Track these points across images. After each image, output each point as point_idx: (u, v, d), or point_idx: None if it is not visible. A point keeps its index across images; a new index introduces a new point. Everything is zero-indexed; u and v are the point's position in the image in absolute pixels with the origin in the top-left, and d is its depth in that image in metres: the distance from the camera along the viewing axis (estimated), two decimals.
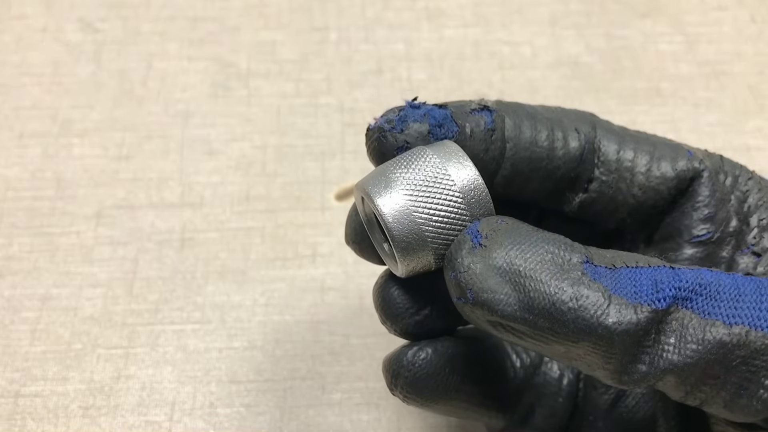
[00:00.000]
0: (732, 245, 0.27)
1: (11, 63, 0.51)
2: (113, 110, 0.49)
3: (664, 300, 0.21)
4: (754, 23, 0.55)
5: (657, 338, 0.21)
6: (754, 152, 0.48)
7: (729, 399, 0.21)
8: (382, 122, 0.25)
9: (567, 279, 0.21)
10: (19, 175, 0.46)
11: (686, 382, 0.21)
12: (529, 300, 0.21)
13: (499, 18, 0.55)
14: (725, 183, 0.27)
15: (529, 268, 0.21)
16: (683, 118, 0.50)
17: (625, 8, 0.55)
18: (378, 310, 0.28)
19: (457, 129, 0.25)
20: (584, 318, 0.21)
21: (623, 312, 0.21)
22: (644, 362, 0.21)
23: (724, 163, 0.27)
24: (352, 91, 0.51)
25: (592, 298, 0.21)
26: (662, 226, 0.28)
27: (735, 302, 0.21)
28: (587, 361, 0.22)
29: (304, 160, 0.48)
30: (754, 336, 0.21)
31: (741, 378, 0.21)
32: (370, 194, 0.24)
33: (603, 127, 0.27)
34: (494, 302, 0.21)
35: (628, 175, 0.27)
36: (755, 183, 0.27)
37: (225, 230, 0.44)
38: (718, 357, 0.21)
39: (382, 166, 0.25)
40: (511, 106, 0.27)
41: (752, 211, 0.27)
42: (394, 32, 0.54)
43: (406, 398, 0.27)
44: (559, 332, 0.21)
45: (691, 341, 0.21)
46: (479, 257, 0.22)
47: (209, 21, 0.54)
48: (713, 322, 0.21)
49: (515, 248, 0.22)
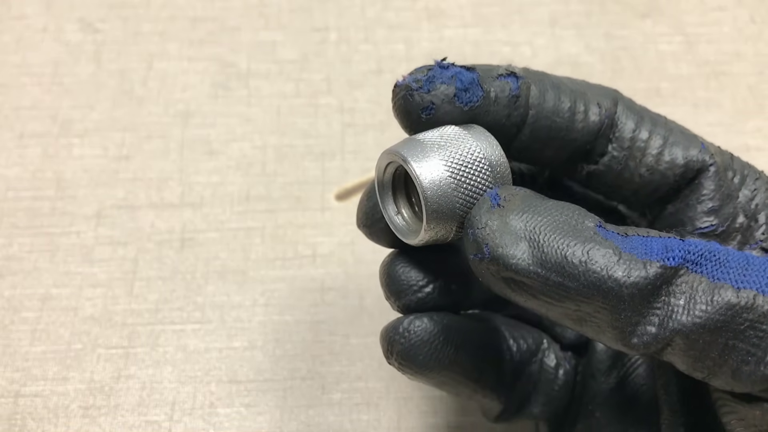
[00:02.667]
0: (738, 240, 0.27)
1: (11, 63, 0.51)
2: (113, 110, 0.49)
3: (674, 259, 0.22)
4: (754, 23, 0.55)
5: (667, 300, 0.22)
6: (754, 152, 0.48)
7: (736, 367, 0.22)
8: (410, 80, 0.26)
9: (580, 237, 0.22)
10: (20, 175, 0.46)
11: (694, 346, 0.22)
12: (542, 255, 0.22)
13: (499, 18, 0.55)
14: (733, 180, 0.27)
15: (543, 226, 0.22)
16: (683, 118, 0.50)
17: (625, 8, 0.55)
18: (383, 286, 0.28)
19: (482, 93, 0.26)
20: (594, 271, 0.21)
21: (633, 266, 0.21)
22: (653, 323, 0.22)
23: (733, 162, 0.28)
24: (352, 91, 0.51)
25: (602, 253, 0.22)
26: (665, 216, 0.28)
27: (744, 270, 0.22)
28: (596, 321, 0.22)
29: (304, 160, 0.48)
30: (762, 300, 0.21)
31: (748, 343, 0.21)
32: (406, 158, 0.24)
33: (625, 104, 0.28)
34: (508, 257, 0.22)
35: (639, 154, 0.27)
36: (763, 183, 0.27)
37: (225, 230, 0.44)
38: (726, 319, 0.21)
39: (414, 137, 0.26)
40: (537, 75, 0.27)
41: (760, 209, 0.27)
42: (394, 32, 0.54)
43: (400, 366, 0.28)
44: (569, 287, 0.22)
45: (701, 302, 0.21)
46: (497, 215, 0.23)
47: (209, 21, 0.54)
48: (722, 284, 0.22)
49: (532, 209, 0.23)
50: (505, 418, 0.32)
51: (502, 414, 0.32)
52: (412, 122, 0.26)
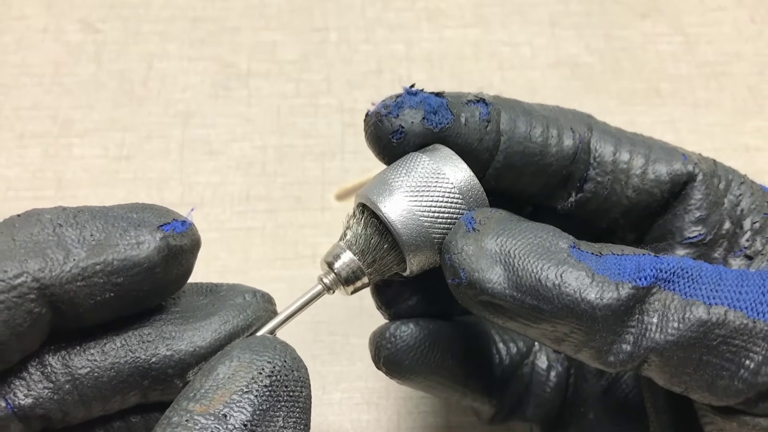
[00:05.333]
0: (724, 247, 0.27)
1: (12, 63, 0.51)
2: (113, 110, 0.49)
3: (646, 279, 0.22)
4: (754, 23, 0.55)
5: (640, 318, 0.22)
6: (754, 152, 0.48)
7: (710, 381, 0.22)
8: (380, 107, 0.26)
9: (553, 259, 0.22)
10: (20, 175, 0.46)
11: (670, 363, 0.22)
12: (517, 278, 0.22)
13: (499, 18, 0.55)
14: (719, 186, 0.27)
15: (517, 250, 0.23)
16: (682, 118, 0.50)
17: (625, 8, 0.55)
18: (374, 296, 0.29)
19: (452, 117, 0.26)
20: (568, 294, 0.22)
21: (605, 288, 0.22)
22: (628, 342, 0.22)
23: (717, 168, 0.28)
24: (352, 91, 0.51)
25: (575, 276, 0.22)
26: (654, 228, 0.28)
27: (716, 285, 0.22)
28: (573, 340, 0.23)
29: (304, 160, 0.48)
30: (733, 315, 0.22)
31: (722, 358, 0.22)
32: (375, 203, 0.25)
33: (599, 128, 0.28)
34: (484, 281, 0.22)
35: (623, 176, 0.27)
36: (747, 187, 0.27)
37: (225, 230, 0.44)
38: (698, 336, 0.22)
39: (379, 175, 0.26)
40: (508, 102, 0.28)
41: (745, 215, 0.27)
42: (394, 33, 0.54)
43: (388, 371, 0.28)
44: (544, 309, 0.22)
45: (673, 320, 0.22)
46: (472, 240, 0.23)
47: (209, 21, 0.54)
48: (694, 302, 0.22)
49: (506, 233, 0.23)
50: (498, 420, 0.32)
51: (495, 416, 0.32)
52: (383, 147, 0.26)
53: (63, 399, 0.22)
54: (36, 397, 0.22)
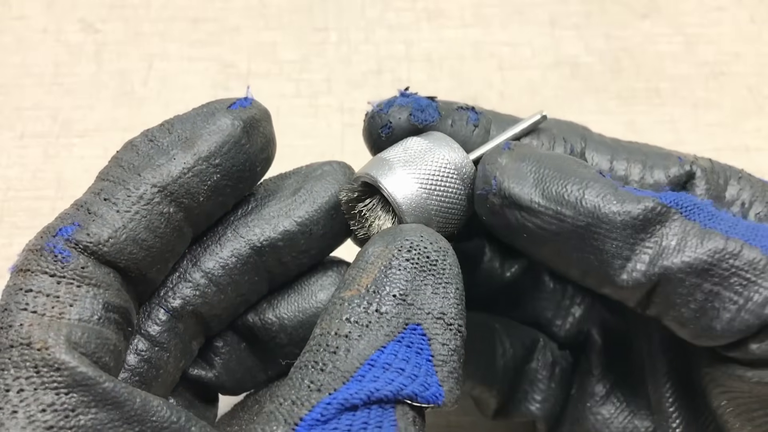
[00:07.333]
0: None
1: (12, 63, 0.51)
2: (114, 110, 0.49)
3: (667, 200, 0.23)
4: (754, 23, 0.55)
5: (659, 241, 0.23)
6: (754, 152, 0.48)
7: (716, 314, 0.23)
8: (373, 105, 0.28)
9: (579, 173, 0.24)
10: (20, 175, 0.46)
11: (680, 289, 0.23)
12: (544, 186, 0.24)
13: (499, 19, 0.55)
14: (719, 182, 0.27)
15: (547, 166, 0.24)
16: (682, 118, 0.50)
17: (625, 9, 0.55)
18: None
19: (438, 115, 0.28)
20: (590, 200, 0.23)
21: (627, 199, 0.23)
22: (644, 261, 0.23)
23: (714, 165, 0.28)
24: (352, 91, 0.51)
25: (600, 185, 0.23)
26: None
27: (734, 224, 0.23)
28: (588, 253, 0.23)
29: (304, 160, 0.47)
30: (749, 250, 0.22)
31: (731, 290, 0.22)
32: (377, 179, 0.25)
33: (594, 139, 0.28)
34: (513, 188, 0.24)
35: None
36: (746, 181, 0.28)
37: None
38: (713, 262, 0.22)
39: (379, 156, 0.27)
40: (500, 116, 0.29)
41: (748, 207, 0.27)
42: (394, 33, 0.54)
43: None
44: (566, 215, 0.23)
45: (691, 244, 0.23)
46: (506, 156, 0.25)
47: (209, 21, 0.54)
48: (713, 231, 0.23)
49: (537, 152, 0.25)
50: (502, 415, 0.32)
51: (499, 411, 0.32)
52: (373, 141, 0.28)
53: (204, 293, 0.25)
54: (182, 297, 0.25)
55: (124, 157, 0.25)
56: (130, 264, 0.23)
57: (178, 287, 0.25)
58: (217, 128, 0.26)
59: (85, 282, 0.22)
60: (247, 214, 0.27)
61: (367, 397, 0.20)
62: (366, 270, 0.23)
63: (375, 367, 0.21)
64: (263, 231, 0.26)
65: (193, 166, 0.25)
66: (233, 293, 0.26)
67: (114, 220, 0.23)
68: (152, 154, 0.25)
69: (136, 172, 0.24)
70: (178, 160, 0.25)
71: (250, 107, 0.27)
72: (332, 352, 0.21)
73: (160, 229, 0.24)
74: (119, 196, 0.24)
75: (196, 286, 0.25)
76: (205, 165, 0.25)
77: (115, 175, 0.24)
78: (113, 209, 0.23)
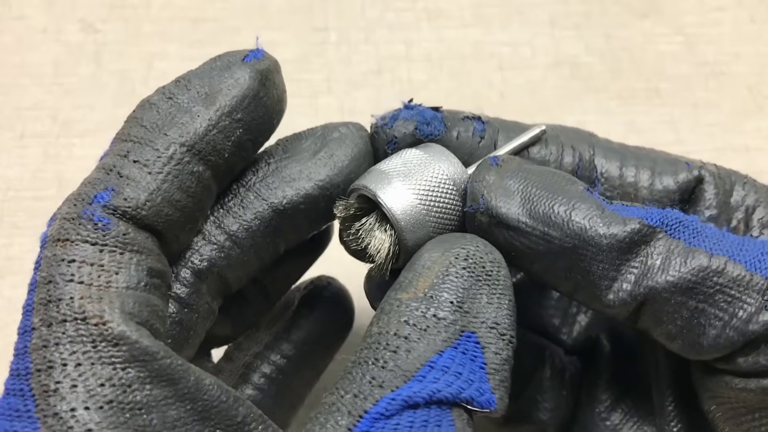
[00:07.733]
0: None
1: (12, 63, 0.51)
2: (114, 110, 0.49)
3: (652, 220, 0.23)
4: (754, 23, 0.55)
5: (644, 260, 0.23)
6: (754, 153, 0.48)
7: (702, 331, 0.23)
8: (378, 119, 0.28)
9: (567, 191, 0.24)
10: (20, 175, 0.46)
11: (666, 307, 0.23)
12: (531, 206, 0.24)
13: (499, 19, 0.55)
14: (725, 187, 0.27)
15: (534, 183, 0.24)
16: (682, 118, 0.50)
17: (625, 9, 0.55)
18: (369, 299, 0.29)
19: (444, 129, 0.27)
20: (577, 221, 0.23)
21: (613, 220, 0.23)
22: (629, 281, 0.23)
23: (719, 170, 0.28)
24: (352, 91, 0.51)
25: (587, 207, 0.23)
26: None
27: (718, 240, 0.23)
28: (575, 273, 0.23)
29: None
30: (733, 266, 0.23)
31: (716, 307, 0.23)
32: (376, 192, 0.25)
33: (602, 146, 0.28)
34: (500, 207, 0.24)
35: (632, 190, 0.28)
36: (751, 186, 0.28)
37: None
38: (697, 280, 0.23)
39: (377, 167, 0.26)
40: (506, 123, 0.28)
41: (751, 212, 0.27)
42: (394, 33, 0.54)
43: None
44: (553, 236, 0.23)
45: (675, 263, 0.23)
46: (494, 172, 0.25)
47: (209, 21, 0.54)
48: (697, 249, 0.23)
49: (526, 170, 0.25)
50: (512, 424, 0.32)
51: (509, 420, 0.32)
52: (379, 157, 0.28)
53: (228, 254, 0.26)
54: (208, 258, 0.25)
55: (145, 116, 0.25)
56: (167, 226, 0.23)
57: (204, 249, 0.25)
58: (235, 82, 0.26)
59: (127, 249, 0.22)
60: (268, 176, 0.27)
61: (429, 396, 0.20)
62: (423, 275, 0.23)
63: (434, 369, 0.21)
64: (285, 193, 0.26)
65: (217, 122, 0.25)
66: (255, 255, 0.26)
67: (148, 183, 0.23)
68: (174, 112, 0.25)
69: (162, 132, 0.24)
70: (202, 117, 0.24)
71: (263, 59, 0.27)
72: (393, 351, 0.21)
73: (191, 188, 0.24)
74: (149, 157, 0.23)
75: (221, 248, 0.25)
76: (228, 120, 0.25)
77: (138, 135, 0.24)
78: (145, 171, 0.23)
